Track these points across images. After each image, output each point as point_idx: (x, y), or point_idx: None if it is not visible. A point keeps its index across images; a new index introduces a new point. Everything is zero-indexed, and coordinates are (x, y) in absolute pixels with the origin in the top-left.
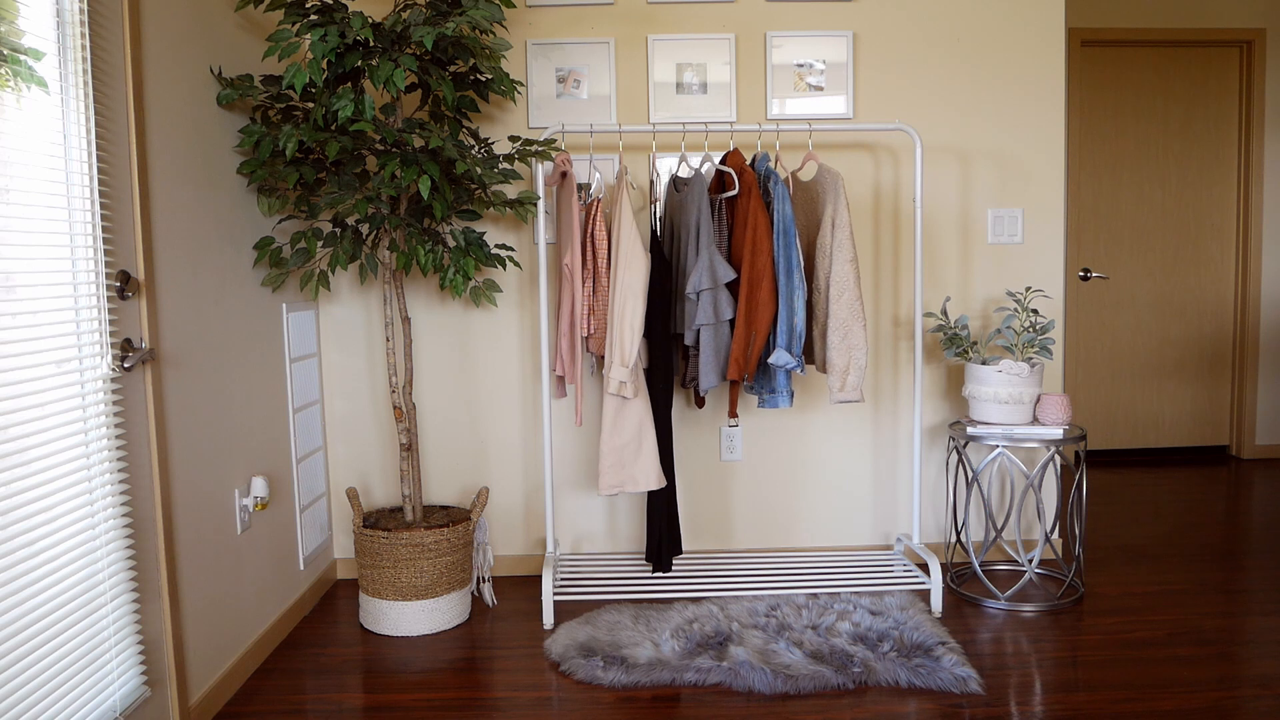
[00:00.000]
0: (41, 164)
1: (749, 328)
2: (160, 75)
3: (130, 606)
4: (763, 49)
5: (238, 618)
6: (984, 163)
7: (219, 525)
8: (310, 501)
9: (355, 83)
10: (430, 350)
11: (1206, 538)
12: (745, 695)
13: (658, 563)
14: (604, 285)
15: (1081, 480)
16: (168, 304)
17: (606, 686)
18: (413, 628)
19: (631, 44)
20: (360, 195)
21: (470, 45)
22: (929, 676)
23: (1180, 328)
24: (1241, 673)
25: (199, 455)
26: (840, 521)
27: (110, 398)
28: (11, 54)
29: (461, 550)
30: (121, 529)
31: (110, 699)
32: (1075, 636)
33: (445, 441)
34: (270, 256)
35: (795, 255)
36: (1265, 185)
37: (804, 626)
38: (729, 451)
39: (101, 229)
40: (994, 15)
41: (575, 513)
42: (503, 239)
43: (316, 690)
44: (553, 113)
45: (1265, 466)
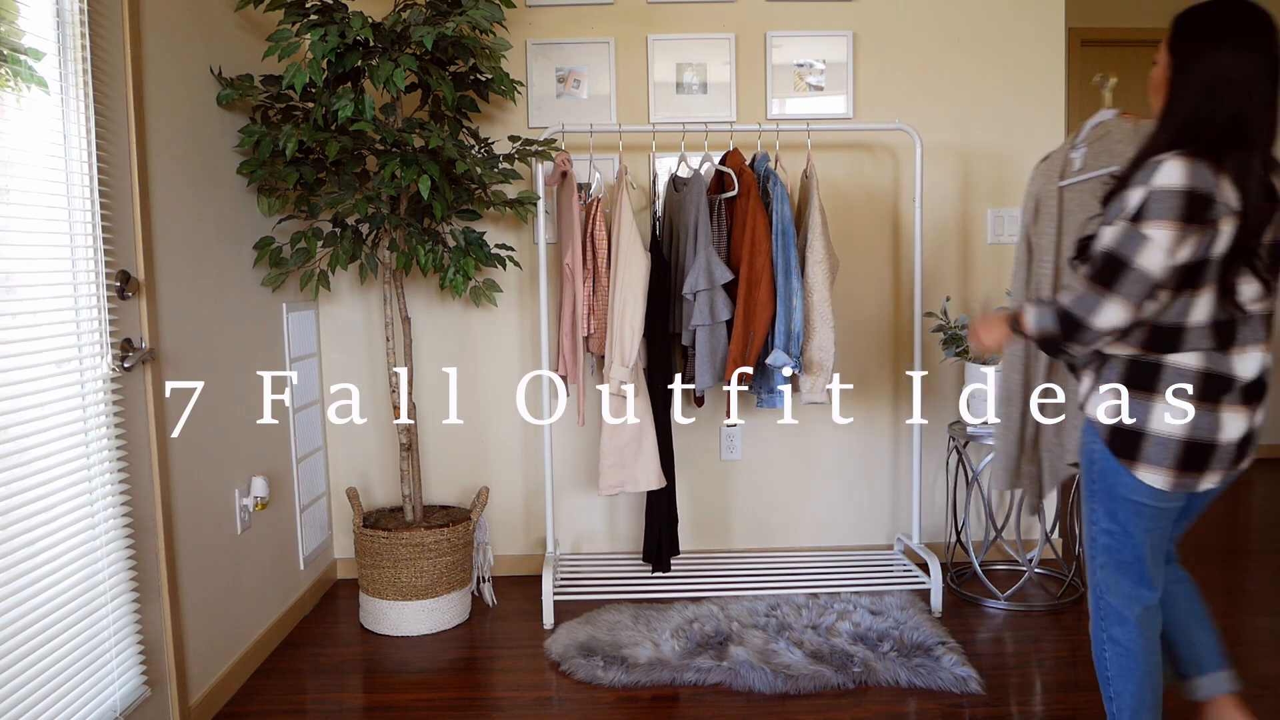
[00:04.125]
0: (41, 164)
1: (747, 328)
2: (160, 75)
3: (130, 606)
4: (763, 49)
5: (238, 618)
6: (984, 163)
7: (219, 525)
8: (310, 501)
9: (355, 83)
10: (430, 350)
11: (1207, 538)
12: (745, 695)
13: (657, 562)
14: (604, 285)
15: None
16: (168, 304)
17: (606, 686)
18: (413, 628)
19: (631, 44)
20: (360, 195)
21: (470, 45)
22: (929, 676)
23: None
24: (1241, 673)
25: (199, 455)
26: (840, 521)
27: (110, 398)
28: (11, 54)
29: (461, 550)
30: (121, 529)
31: (110, 699)
32: (1075, 636)
33: (445, 441)
34: (270, 256)
35: (794, 256)
36: None
37: (804, 626)
38: (729, 451)
39: (101, 229)
40: (994, 15)
41: (575, 513)
42: (503, 239)
43: (316, 690)
44: (553, 113)
45: (1265, 466)
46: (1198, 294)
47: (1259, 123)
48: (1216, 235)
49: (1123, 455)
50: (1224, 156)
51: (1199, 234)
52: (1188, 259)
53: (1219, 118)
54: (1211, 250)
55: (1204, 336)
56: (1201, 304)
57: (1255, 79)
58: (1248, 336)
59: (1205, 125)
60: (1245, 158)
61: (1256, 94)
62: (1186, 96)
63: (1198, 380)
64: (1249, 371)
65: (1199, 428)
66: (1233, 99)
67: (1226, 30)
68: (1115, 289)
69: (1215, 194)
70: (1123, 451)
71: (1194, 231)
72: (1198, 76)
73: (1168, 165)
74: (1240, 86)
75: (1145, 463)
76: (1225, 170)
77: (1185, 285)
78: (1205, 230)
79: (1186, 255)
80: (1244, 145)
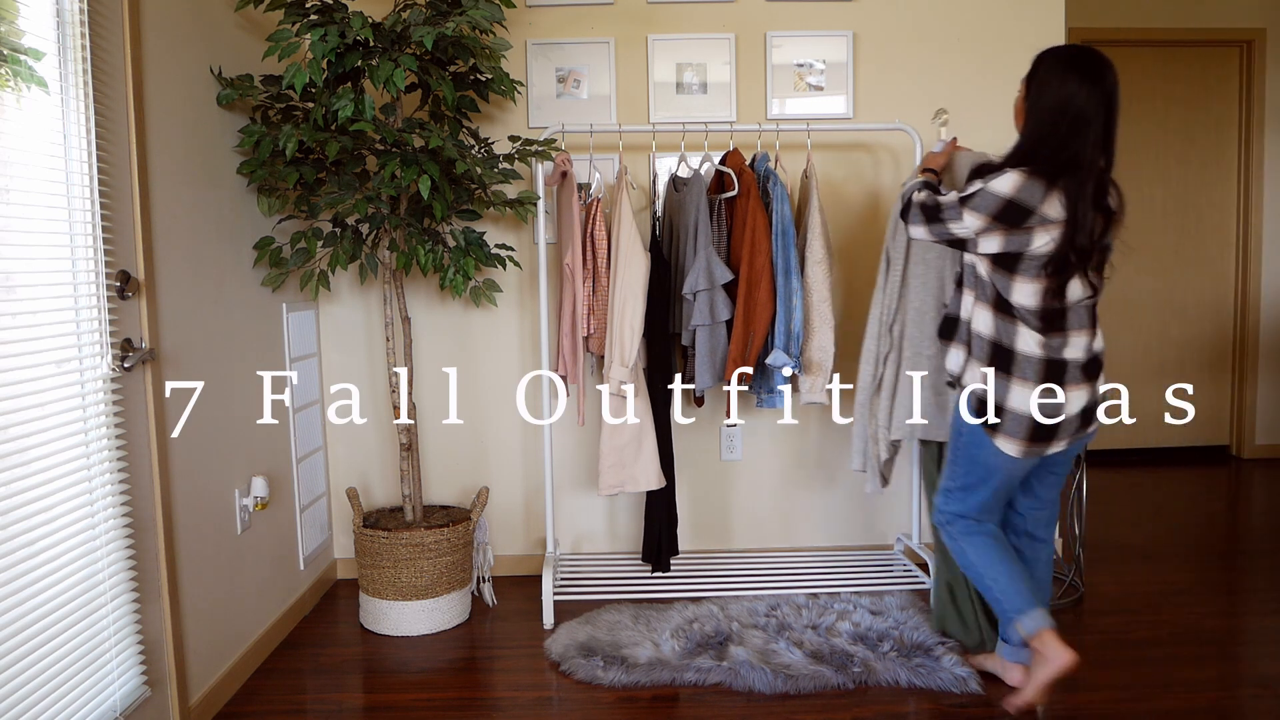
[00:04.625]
0: (41, 164)
1: (747, 328)
2: (160, 75)
3: (130, 606)
4: (763, 49)
5: (238, 618)
6: None
7: (219, 525)
8: (310, 501)
9: (355, 83)
10: (430, 350)
11: (1206, 538)
12: (745, 695)
13: (656, 562)
14: (604, 285)
15: (1081, 480)
16: (168, 304)
17: (606, 686)
18: (413, 628)
19: (631, 44)
20: (360, 195)
21: (470, 45)
22: (929, 676)
23: (1180, 328)
24: (1241, 673)
25: (199, 455)
26: (840, 521)
27: (110, 398)
28: (11, 54)
29: (461, 550)
30: (121, 529)
31: (110, 699)
32: (1075, 636)
33: (445, 441)
34: (270, 256)
35: (794, 256)
36: (1265, 185)
37: (804, 626)
38: (729, 451)
39: (101, 229)
40: (994, 15)
41: (575, 513)
42: (503, 239)
43: (316, 690)
44: (553, 113)
45: (1265, 466)
46: (1017, 280)
47: (1094, 151)
48: (1031, 238)
49: (986, 427)
50: (1059, 177)
51: (1008, 233)
52: (999, 249)
53: (1059, 143)
54: (1028, 249)
55: (1034, 321)
56: (1028, 291)
57: (1093, 113)
58: (1073, 323)
59: (1047, 148)
60: (1077, 180)
61: (1093, 126)
62: (1035, 123)
63: (1041, 367)
64: (1078, 355)
65: (1044, 405)
66: (1072, 129)
67: (1070, 71)
68: (929, 225)
69: (1036, 207)
70: (986, 424)
71: (1003, 230)
72: (1045, 108)
73: (1006, 175)
74: (1079, 118)
75: (1003, 434)
76: (1057, 189)
77: (1003, 268)
78: (1017, 232)
79: (996, 246)
80: (1077, 169)
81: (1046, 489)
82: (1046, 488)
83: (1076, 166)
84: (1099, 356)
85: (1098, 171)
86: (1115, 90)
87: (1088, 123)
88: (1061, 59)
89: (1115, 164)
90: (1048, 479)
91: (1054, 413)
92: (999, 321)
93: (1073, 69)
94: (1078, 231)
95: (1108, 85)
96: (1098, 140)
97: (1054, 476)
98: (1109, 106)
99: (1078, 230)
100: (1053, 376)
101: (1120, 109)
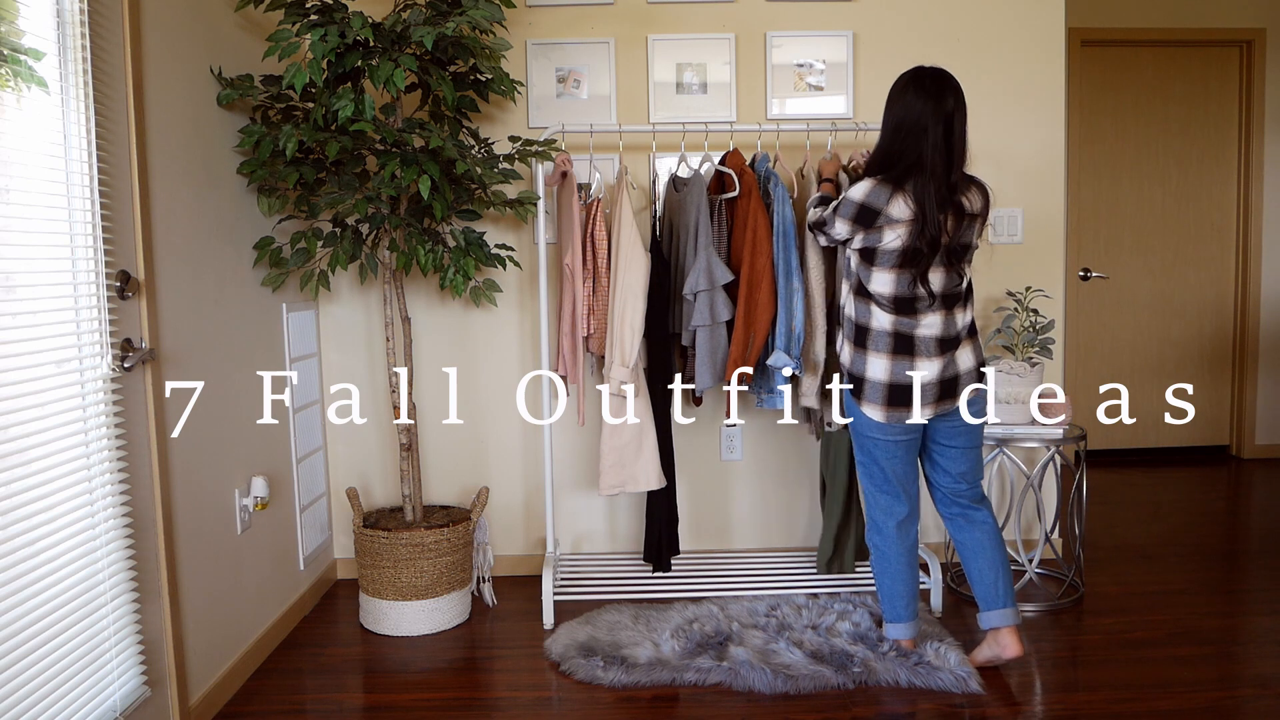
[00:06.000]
0: (41, 164)
1: (748, 329)
2: (160, 75)
3: (130, 606)
4: (763, 49)
5: (238, 618)
6: (984, 163)
7: (219, 525)
8: (310, 501)
9: (355, 83)
10: (430, 350)
11: (1206, 538)
12: (745, 695)
13: (657, 562)
14: (604, 285)
15: (1081, 480)
16: (168, 304)
17: (606, 686)
18: (413, 628)
19: (631, 44)
20: (360, 195)
21: (470, 45)
22: (929, 676)
23: (1180, 328)
24: (1241, 673)
25: (199, 455)
26: None
27: (110, 398)
28: (11, 54)
29: (461, 550)
30: (121, 529)
31: (110, 699)
32: (1075, 636)
33: (445, 441)
34: (270, 256)
35: (795, 257)
36: (1265, 185)
37: (804, 626)
38: (729, 451)
39: (101, 229)
40: (994, 15)
41: (575, 513)
42: (503, 239)
43: (316, 690)
44: (553, 113)
45: (1265, 466)
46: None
47: (933, 156)
48: (882, 235)
49: (855, 395)
50: (905, 181)
51: (865, 232)
52: (861, 245)
53: (903, 152)
54: (880, 245)
55: (889, 305)
56: (883, 280)
57: (929, 123)
58: (924, 307)
59: (893, 157)
60: (921, 183)
61: (930, 134)
62: (883, 136)
63: (892, 340)
64: (932, 332)
65: (896, 373)
66: (913, 138)
67: (907, 89)
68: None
69: (882, 209)
70: (854, 393)
71: (861, 229)
72: (889, 122)
73: (860, 184)
74: (916, 128)
75: (867, 401)
76: (903, 191)
77: (865, 260)
78: (871, 231)
79: (859, 243)
80: (921, 173)
81: (949, 461)
82: (948, 459)
83: (919, 170)
84: (958, 334)
85: (940, 175)
86: (955, 101)
87: (925, 131)
88: (903, 80)
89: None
90: (947, 451)
91: (904, 380)
92: (859, 304)
93: (909, 87)
94: (925, 226)
95: (945, 98)
96: (937, 146)
97: (952, 449)
98: (948, 117)
99: (925, 225)
100: (902, 349)
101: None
